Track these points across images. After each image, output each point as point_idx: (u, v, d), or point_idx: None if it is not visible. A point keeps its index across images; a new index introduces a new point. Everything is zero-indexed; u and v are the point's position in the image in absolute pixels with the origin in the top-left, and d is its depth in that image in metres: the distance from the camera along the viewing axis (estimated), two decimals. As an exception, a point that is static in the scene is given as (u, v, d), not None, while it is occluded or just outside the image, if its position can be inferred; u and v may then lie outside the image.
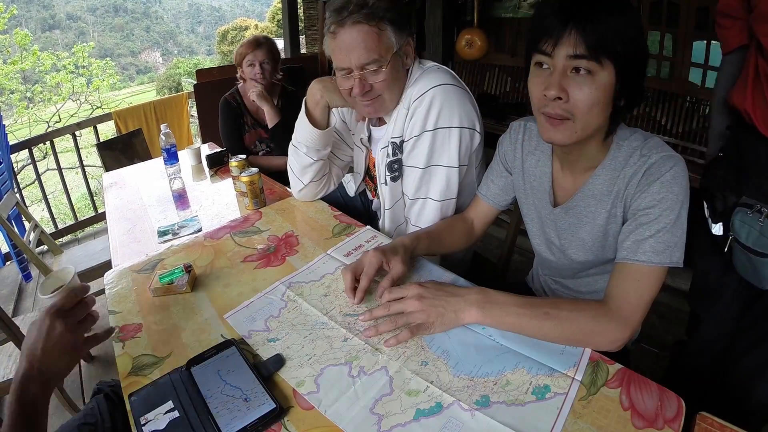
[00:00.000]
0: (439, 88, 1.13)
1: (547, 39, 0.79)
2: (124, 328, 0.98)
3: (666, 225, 0.82)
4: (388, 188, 1.28)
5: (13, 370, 1.53)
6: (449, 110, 1.13)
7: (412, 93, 1.17)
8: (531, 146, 1.07)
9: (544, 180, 1.03)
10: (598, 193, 0.92)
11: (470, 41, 3.71)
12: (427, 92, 1.13)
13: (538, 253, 1.16)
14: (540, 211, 1.07)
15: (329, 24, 1.10)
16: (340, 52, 1.11)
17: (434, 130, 1.14)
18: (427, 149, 1.15)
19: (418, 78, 1.18)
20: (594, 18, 0.75)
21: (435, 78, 1.15)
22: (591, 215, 0.94)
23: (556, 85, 0.79)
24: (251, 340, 0.90)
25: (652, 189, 0.83)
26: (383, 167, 1.27)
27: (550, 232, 1.06)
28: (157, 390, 0.81)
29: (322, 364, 0.83)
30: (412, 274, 1.06)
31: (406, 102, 1.18)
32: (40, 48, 12.30)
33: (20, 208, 2.11)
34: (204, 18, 50.18)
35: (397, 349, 0.85)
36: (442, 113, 1.13)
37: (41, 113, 11.56)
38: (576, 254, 1.01)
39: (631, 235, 0.85)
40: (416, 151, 1.18)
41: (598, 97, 0.78)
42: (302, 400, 0.76)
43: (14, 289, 2.77)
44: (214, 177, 1.89)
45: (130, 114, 3.55)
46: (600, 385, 0.76)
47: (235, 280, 1.11)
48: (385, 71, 1.12)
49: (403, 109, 1.19)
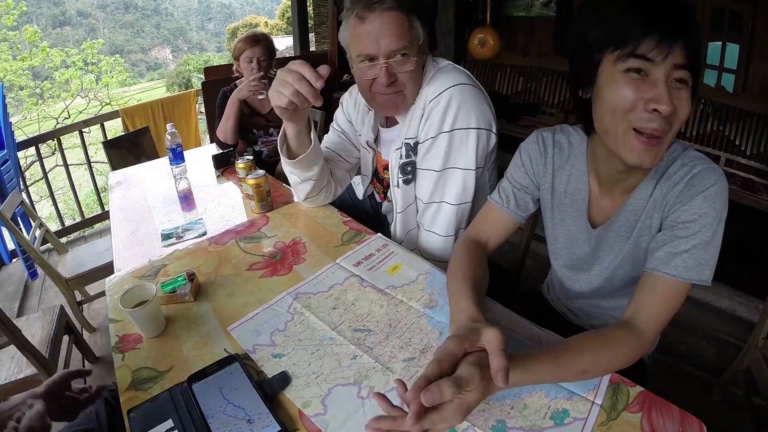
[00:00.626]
0: (456, 87, 1.09)
1: (653, 42, 0.69)
2: (124, 339, 0.94)
3: (703, 241, 0.76)
4: (400, 191, 1.23)
5: (14, 372, 1.51)
6: (467, 111, 1.09)
7: (427, 93, 1.12)
8: (561, 161, 0.97)
9: (579, 199, 0.95)
10: (638, 209, 0.86)
11: (483, 40, 3.65)
12: (443, 92, 1.09)
13: (560, 276, 1.09)
14: (571, 230, 0.99)
15: (355, 8, 1.06)
16: (368, 37, 1.05)
17: (451, 132, 1.09)
18: (443, 151, 1.11)
19: (434, 77, 1.13)
20: (695, 28, 0.69)
21: (451, 77, 1.10)
22: (628, 233, 0.89)
23: (667, 98, 0.69)
24: (255, 356, 0.86)
25: (695, 202, 0.77)
26: (396, 169, 1.22)
27: (581, 254, 0.99)
28: (157, 407, 0.77)
29: (330, 384, 0.78)
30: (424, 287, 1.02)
31: (421, 102, 1.14)
32: (51, 44, 12.34)
33: (25, 207, 2.09)
34: (214, 15, 50.36)
35: (409, 368, 0.81)
36: (459, 114, 1.08)
37: (50, 109, 11.62)
38: (612, 275, 0.95)
39: (665, 246, 0.79)
40: (432, 153, 1.13)
41: (689, 110, 0.72)
42: (309, 423, 0.72)
43: (20, 286, 2.76)
44: (220, 178, 1.86)
45: (138, 111, 3.53)
46: (621, 409, 0.73)
47: (240, 289, 1.06)
48: (413, 61, 1.08)
49: (418, 109, 1.14)
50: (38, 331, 1.64)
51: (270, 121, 2.28)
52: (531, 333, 0.89)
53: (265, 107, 2.27)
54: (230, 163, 1.91)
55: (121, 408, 0.79)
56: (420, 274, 1.05)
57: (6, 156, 2.81)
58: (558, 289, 1.19)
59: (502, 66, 4.35)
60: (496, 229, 1.05)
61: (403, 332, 0.89)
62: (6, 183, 2.73)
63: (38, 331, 1.63)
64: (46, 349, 1.54)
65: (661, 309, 0.78)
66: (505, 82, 4.37)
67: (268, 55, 2.17)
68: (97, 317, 2.36)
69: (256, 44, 2.12)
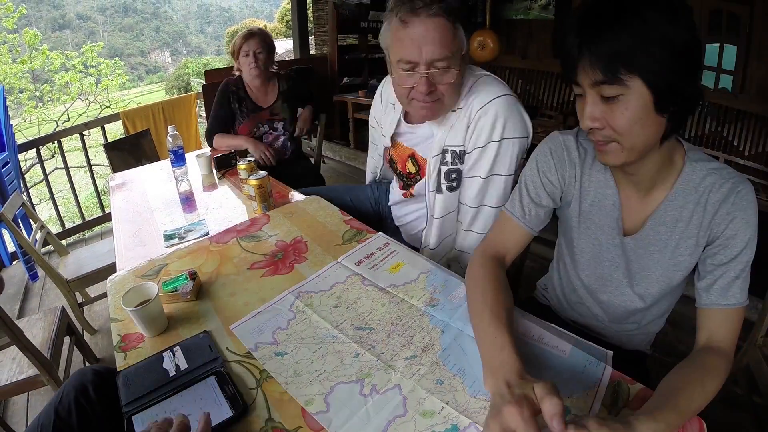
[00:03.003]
0: (503, 98, 1.11)
1: (569, 66, 0.74)
2: (125, 338, 0.94)
3: (749, 260, 0.81)
4: (442, 198, 1.24)
5: (16, 372, 1.51)
6: (513, 122, 1.12)
7: (473, 103, 1.13)
8: (588, 164, 0.94)
9: (608, 204, 0.92)
10: (671, 221, 0.86)
11: (482, 43, 3.66)
12: (490, 103, 1.11)
13: (582, 291, 1.05)
14: (599, 240, 0.96)
15: (399, 11, 1.03)
16: (410, 43, 1.03)
17: (500, 141, 1.12)
18: (491, 160, 1.14)
19: (475, 87, 1.15)
20: (601, 36, 0.69)
21: (495, 89, 1.13)
22: (663, 243, 0.88)
23: (589, 116, 0.75)
24: (258, 353, 0.86)
25: (741, 225, 0.79)
26: (435, 174, 1.23)
27: (610, 265, 0.96)
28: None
29: (333, 381, 0.79)
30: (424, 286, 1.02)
31: (466, 112, 1.15)
32: (50, 47, 12.33)
33: (26, 208, 2.10)
34: (213, 18, 50.41)
35: (411, 366, 0.81)
36: (507, 124, 1.11)
37: (50, 112, 11.59)
38: (643, 288, 0.94)
39: (718, 280, 0.82)
40: (481, 162, 1.16)
41: (636, 117, 0.72)
42: (312, 421, 0.72)
43: (20, 288, 2.76)
44: (221, 180, 1.86)
45: (138, 114, 3.54)
46: (621, 406, 0.73)
47: (241, 288, 1.07)
48: (454, 72, 1.07)
49: (464, 118, 1.15)
50: (40, 332, 1.64)
51: (274, 115, 2.28)
52: (533, 332, 0.89)
53: (267, 100, 2.27)
54: (232, 165, 1.91)
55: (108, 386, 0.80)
56: (421, 273, 1.06)
57: (7, 158, 2.81)
58: (568, 300, 1.14)
59: (501, 68, 4.37)
60: (513, 243, 1.02)
61: (404, 330, 0.89)
62: (7, 185, 2.73)
63: (40, 332, 1.63)
64: (48, 350, 1.55)
65: (732, 330, 0.82)
66: (504, 84, 4.39)
67: (265, 48, 2.17)
68: (98, 319, 2.36)
69: (251, 38, 2.13)
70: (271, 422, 0.73)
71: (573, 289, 1.09)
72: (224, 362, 0.85)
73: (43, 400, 1.89)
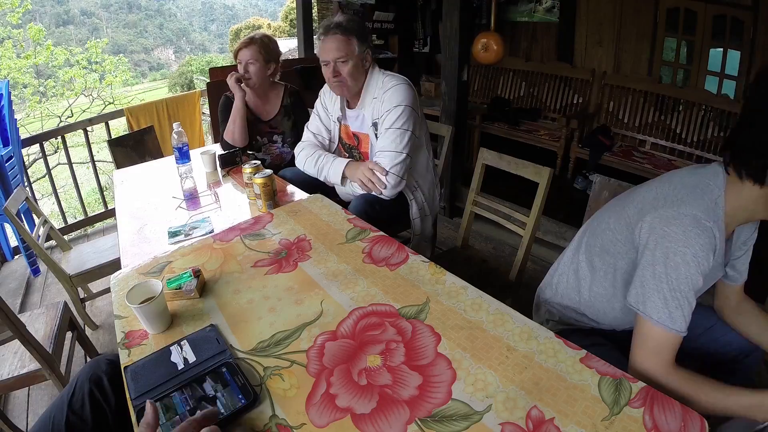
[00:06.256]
0: (398, 86, 1.69)
1: None
2: (129, 335, 0.95)
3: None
4: (376, 146, 1.75)
5: (18, 366, 1.52)
6: (400, 95, 1.68)
7: (377, 88, 1.72)
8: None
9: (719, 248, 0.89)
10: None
11: (486, 45, 3.66)
12: (390, 88, 1.69)
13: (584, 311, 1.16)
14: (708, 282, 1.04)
15: (319, 34, 1.71)
16: (324, 51, 1.68)
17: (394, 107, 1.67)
18: (392, 119, 1.67)
19: (379, 79, 1.73)
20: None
21: (392, 79, 1.71)
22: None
23: None
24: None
25: None
26: (372, 135, 1.76)
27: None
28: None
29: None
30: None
31: (376, 94, 1.72)
32: (54, 43, 12.27)
33: (30, 203, 2.10)
34: (217, 16, 50.41)
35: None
36: (395, 97, 1.67)
37: (54, 108, 11.59)
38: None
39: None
40: (385, 123, 1.68)
41: None
42: (315, 417, 0.73)
43: (22, 283, 2.77)
44: (226, 177, 1.87)
45: (142, 111, 3.53)
46: (623, 404, 0.74)
47: (245, 286, 1.07)
48: (350, 64, 1.66)
49: (376, 100, 1.72)
50: (42, 326, 1.64)
51: (274, 128, 2.25)
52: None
53: (268, 114, 2.24)
54: (236, 163, 1.92)
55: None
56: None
57: (11, 153, 2.82)
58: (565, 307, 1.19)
59: (505, 71, 4.37)
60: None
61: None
62: (10, 179, 2.74)
63: (42, 327, 1.64)
64: (50, 345, 1.55)
65: None
66: (507, 86, 4.38)
67: (261, 59, 2.10)
68: (100, 314, 2.37)
69: (248, 46, 2.08)
70: (275, 419, 0.74)
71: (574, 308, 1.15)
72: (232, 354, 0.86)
73: (45, 394, 1.90)
